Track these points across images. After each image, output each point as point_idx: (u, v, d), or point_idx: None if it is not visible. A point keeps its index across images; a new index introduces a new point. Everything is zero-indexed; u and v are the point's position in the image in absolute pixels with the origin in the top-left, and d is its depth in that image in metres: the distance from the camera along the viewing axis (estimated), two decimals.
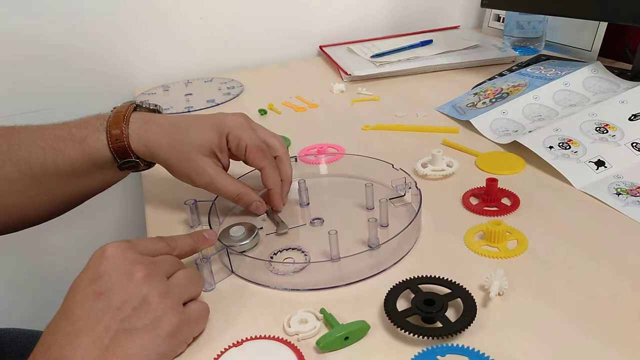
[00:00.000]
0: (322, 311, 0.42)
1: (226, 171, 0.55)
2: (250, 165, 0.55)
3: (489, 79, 0.88)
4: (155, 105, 0.59)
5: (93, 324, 0.35)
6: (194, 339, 0.41)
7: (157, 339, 0.37)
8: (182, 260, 0.45)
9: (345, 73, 0.98)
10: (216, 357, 0.39)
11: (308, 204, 0.59)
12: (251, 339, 0.40)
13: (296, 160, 0.64)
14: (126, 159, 0.53)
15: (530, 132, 0.66)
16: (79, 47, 0.98)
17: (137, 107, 0.56)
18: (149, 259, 0.40)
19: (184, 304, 0.40)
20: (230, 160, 0.56)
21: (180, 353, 0.39)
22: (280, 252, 0.51)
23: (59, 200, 0.55)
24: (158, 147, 0.53)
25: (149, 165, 0.56)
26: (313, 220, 0.56)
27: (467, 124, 0.74)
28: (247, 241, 0.51)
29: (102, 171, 0.54)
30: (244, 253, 0.50)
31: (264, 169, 0.54)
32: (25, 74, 0.97)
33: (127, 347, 0.35)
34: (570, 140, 0.63)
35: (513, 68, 0.92)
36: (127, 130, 0.52)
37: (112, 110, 0.55)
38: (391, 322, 0.39)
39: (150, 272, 0.38)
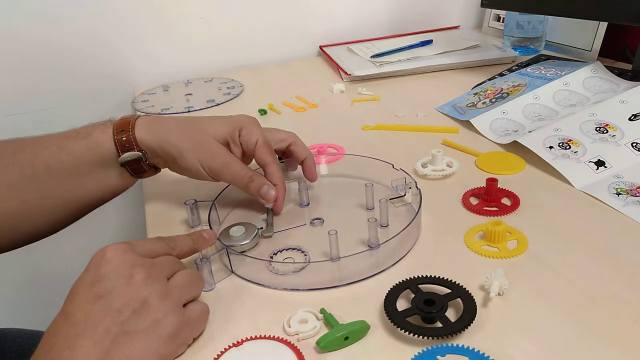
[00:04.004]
0: (322, 311, 0.42)
1: None
2: (257, 161, 0.56)
3: (489, 79, 0.88)
4: None
5: (93, 327, 0.35)
6: (194, 339, 0.41)
7: (158, 341, 0.37)
8: (182, 260, 0.45)
9: (345, 73, 0.98)
10: (216, 357, 0.39)
11: (308, 204, 0.59)
12: (251, 339, 0.40)
13: None
14: (128, 151, 0.52)
15: (530, 132, 0.66)
16: (78, 49, 0.98)
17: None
18: (149, 260, 0.40)
19: (184, 304, 0.40)
20: None
21: (181, 354, 0.39)
22: (280, 252, 0.51)
23: (59, 207, 0.54)
24: (168, 133, 0.53)
25: (154, 167, 0.56)
26: (313, 220, 0.56)
27: (467, 124, 0.74)
28: (247, 241, 0.51)
29: (105, 171, 0.54)
30: (244, 253, 0.50)
31: (269, 165, 0.55)
32: (26, 76, 0.97)
33: (127, 350, 0.36)
34: (570, 140, 0.63)
35: (513, 68, 0.92)
36: (134, 125, 0.53)
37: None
38: (391, 322, 0.39)
39: (150, 274, 0.38)
